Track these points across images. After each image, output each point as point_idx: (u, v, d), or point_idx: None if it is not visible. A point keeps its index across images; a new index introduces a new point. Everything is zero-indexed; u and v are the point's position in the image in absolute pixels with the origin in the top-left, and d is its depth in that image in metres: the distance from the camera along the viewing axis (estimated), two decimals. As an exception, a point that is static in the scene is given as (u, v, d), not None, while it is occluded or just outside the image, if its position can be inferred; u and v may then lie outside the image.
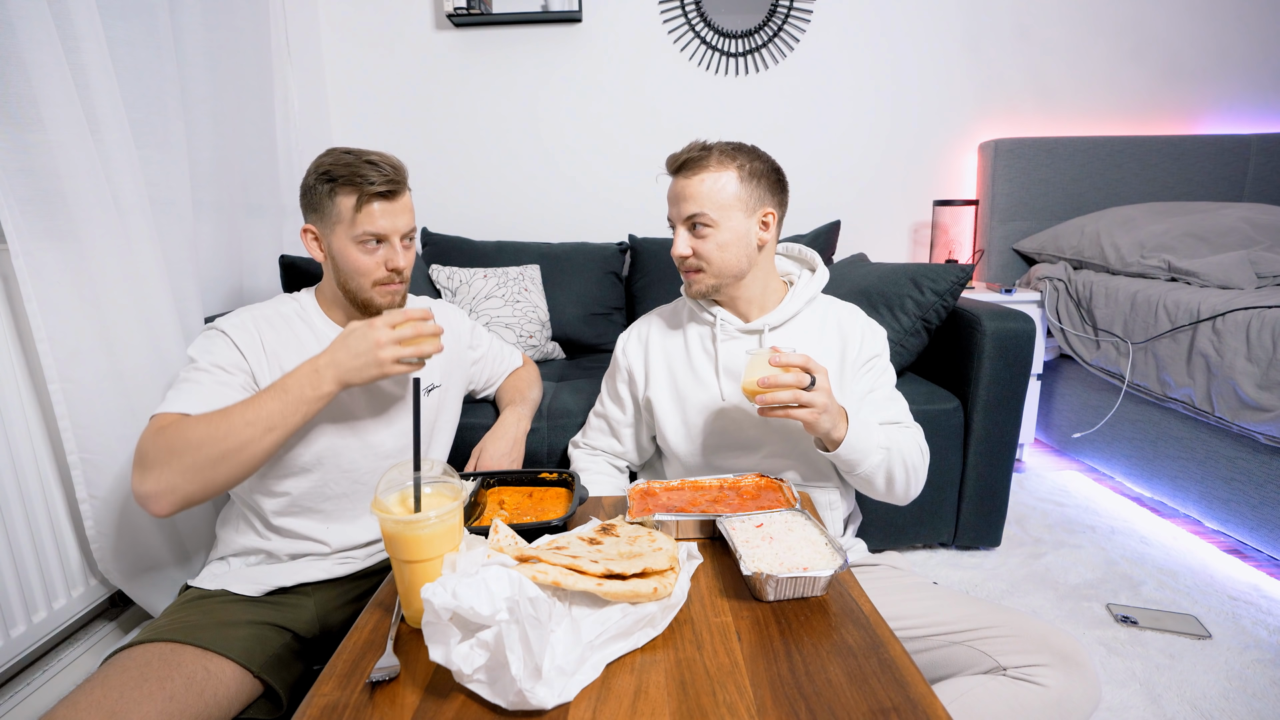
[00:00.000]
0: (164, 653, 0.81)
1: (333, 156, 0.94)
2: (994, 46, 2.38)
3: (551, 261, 2.10)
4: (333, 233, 0.95)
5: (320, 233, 0.96)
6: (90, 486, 1.14)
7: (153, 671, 0.78)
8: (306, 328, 1.02)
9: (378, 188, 0.91)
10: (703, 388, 1.05)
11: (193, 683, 0.79)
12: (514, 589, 0.52)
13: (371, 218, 0.92)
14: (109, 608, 1.38)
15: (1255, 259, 1.78)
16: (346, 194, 0.92)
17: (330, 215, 0.93)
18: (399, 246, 0.96)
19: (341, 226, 0.93)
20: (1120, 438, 2.00)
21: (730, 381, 1.04)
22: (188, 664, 0.81)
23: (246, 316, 0.99)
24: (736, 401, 1.03)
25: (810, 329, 1.05)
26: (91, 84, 1.09)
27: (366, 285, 0.96)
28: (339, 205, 0.92)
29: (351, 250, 0.94)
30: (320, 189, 0.93)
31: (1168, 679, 1.19)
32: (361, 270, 0.95)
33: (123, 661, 0.80)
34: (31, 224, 1.04)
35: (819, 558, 0.68)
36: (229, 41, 1.63)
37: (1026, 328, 1.51)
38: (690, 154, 0.96)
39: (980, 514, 1.61)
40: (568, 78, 2.37)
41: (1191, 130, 2.45)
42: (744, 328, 1.04)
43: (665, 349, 1.10)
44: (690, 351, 1.08)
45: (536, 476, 0.91)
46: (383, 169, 0.92)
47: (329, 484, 1.01)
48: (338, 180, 0.91)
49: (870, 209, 2.48)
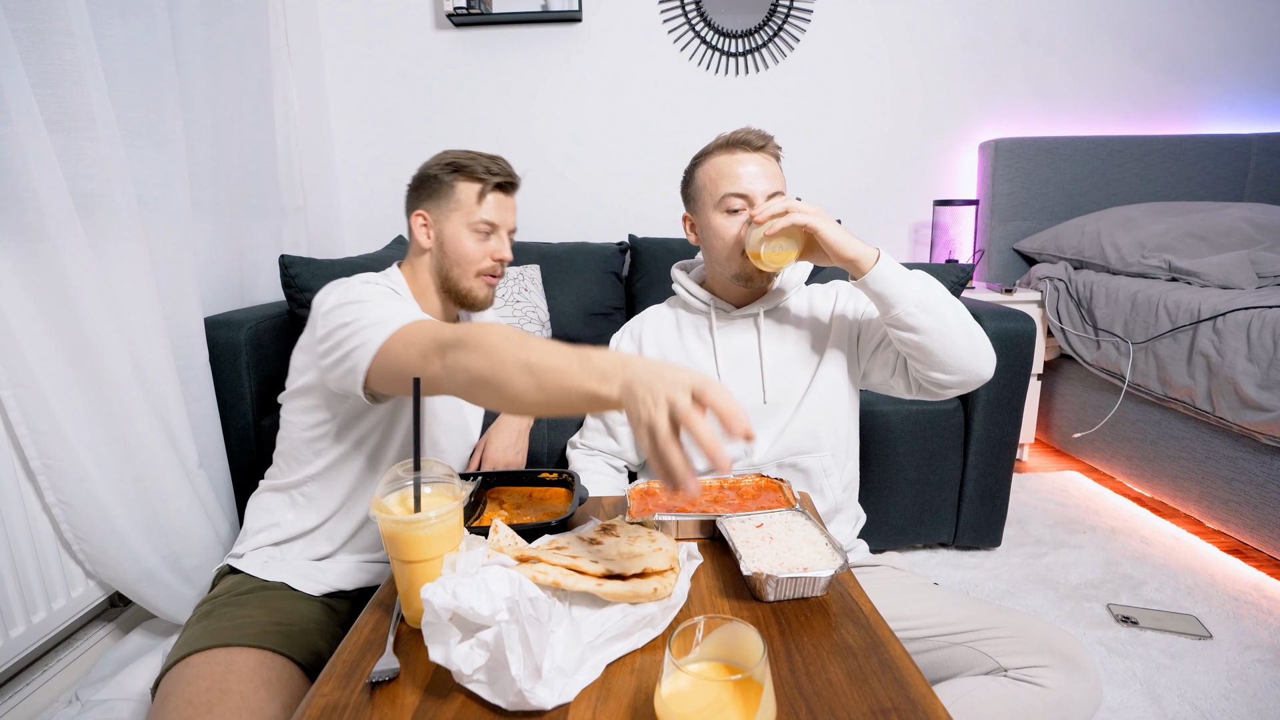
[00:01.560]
0: (235, 661, 0.79)
1: (455, 153, 1.01)
2: (994, 46, 2.38)
3: (551, 261, 2.10)
4: (448, 219, 1.00)
5: (433, 219, 1.01)
6: (58, 492, 1.12)
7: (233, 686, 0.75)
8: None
9: (499, 178, 1.00)
10: None
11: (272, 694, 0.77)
12: (514, 589, 0.52)
13: (490, 207, 1.00)
14: (108, 608, 1.38)
15: (1256, 259, 1.78)
16: (470, 182, 0.99)
17: (449, 202, 1.00)
18: (506, 239, 1.03)
19: (459, 213, 0.99)
20: (1120, 438, 2.00)
21: (728, 364, 1.05)
22: (263, 673, 0.79)
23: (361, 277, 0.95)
24: (734, 385, 1.04)
25: (801, 310, 1.07)
26: (83, 80, 1.07)
27: (470, 273, 1.01)
28: (460, 193, 0.99)
29: (465, 237, 1.00)
30: (444, 177, 0.99)
31: (1168, 679, 1.19)
32: (470, 258, 1.00)
33: (193, 676, 0.77)
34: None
35: (819, 558, 0.68)
36: (228, 41, 1.63)
37: (1026, 328, 1.51)
38: (765, 136, 0.98)
39: (980, 514, 1.61)
40: (567, 77, 2.37)
41: (1192, 130, 2.45)
42: (739, 314, 1.05)
43: (659, 343, 1.10)
44: (685, 342, 1.08)
45: (536, 476, 0.91)
46: (504, 164, 1.01)
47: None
48: (463, 170, 0.99)
49: (870, 209, 2.48)
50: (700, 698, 0.46)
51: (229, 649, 0.81)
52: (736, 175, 0.97)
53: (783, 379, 1.04)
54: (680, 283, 1.11)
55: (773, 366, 1.04)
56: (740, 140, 0.98)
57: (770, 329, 1.06)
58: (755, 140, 0.97)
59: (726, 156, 0.98)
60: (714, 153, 1.00)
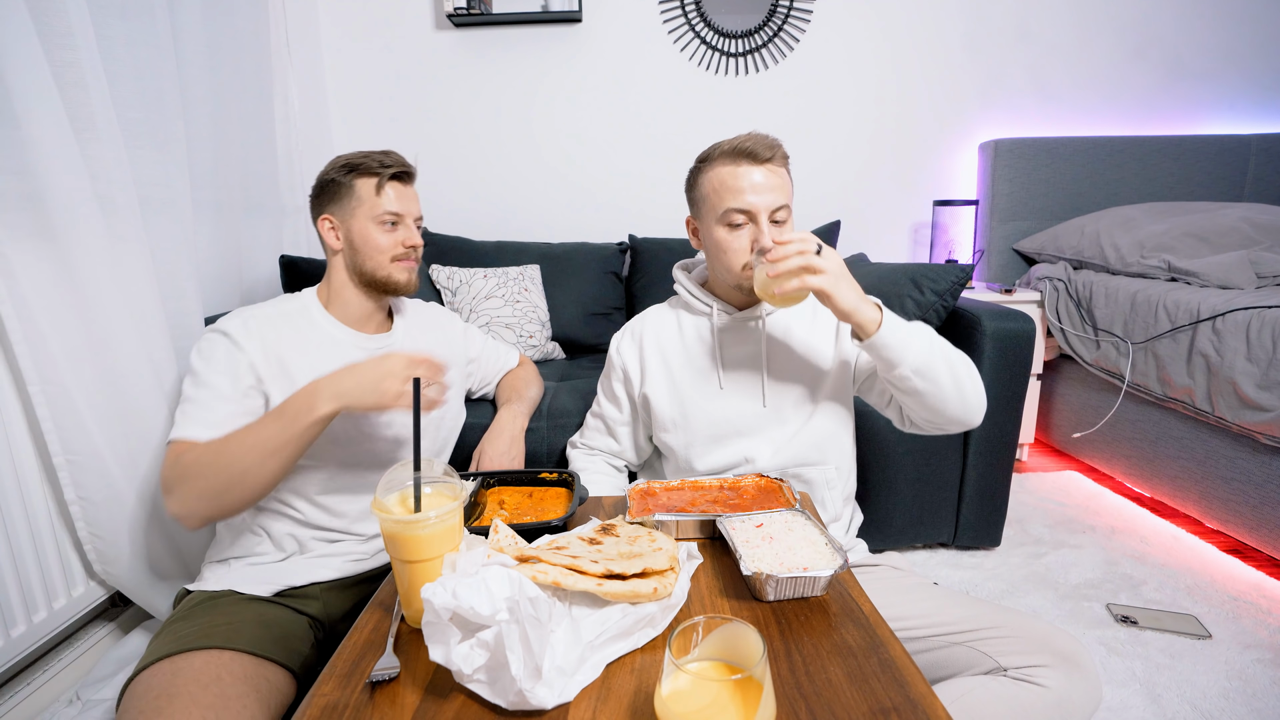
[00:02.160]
0: (180, 666, 0.79)
1: (347, 155, 1.04)
2: (994, 46, 2.38)
3: (551, 261, 2.10)
4: (353, 217, 1.03)
5: (339, 220, 1.04)
6: (79, 488, 1.14)
7: (181, 688, 0.76)
8: (309, 324, 1.03)
9: (394, 169, 1.03)
10: (701, 376, 1.05)
11: (223, 689, 0.77)
12: (514, 589, 0.52)
13: (390, 198, 1.03)
14: (109, 608, 1.38)
15: (1255, 259, 1.78)
16: (367, 178, 1.02)
17: (351, 200, 1.02)
18: (414, 227, 1.06)
19: (363, 209, 1.02)
20: (1120, 438, 2.00)
21: (730, 369, 1.04)
22: (211, 669, 0.79)
23: (246, 315, 0.99)
24: (735, 389, 1.03)
25: (804, 313, 1.06)
26: (85, 81, 1.08)
27: (386, 261, 1.04)
28: (359, 190, 1.02)
29: (372, 230, 1.02)
30: (341, 179, 1.03)
31: (1168, 679, 1.19)
32: (382, 248, 1.03)
33: (142, 690, 0.77)
34: (7, 222, 1.02)
35: (819, 558, 0.68)
36: (229, 41, 1.63)
37: (1026, 328, 1.51)
38: (772, 146, 0.94)
39: (980, 514, 1.61)
40: (567, 77, 2.37)
41: (1192, 130, 2.45)
42: (742, 316, 1.04)
43: (660, 344, 1.09)
44: (686, 343, 1.07)
45: (536, 476, 0.91)
46: (396, 157, 1.04)
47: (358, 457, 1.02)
48: (358, 168, 1.02)
49: (870, 209, 2.48)
50: (700, 697, 0.47)
51: (173, 658, 0.81)
52: (740, 189, 0.93)
53: (784, 385, 1.03)
54: (682, 284, 1.10)
55: (775, 372, 1.03)
56: (745, 151, 0.94)
57: (774, 333, 1.04)
58: (762, 152, 0.93)
59: (731, 167, 0.95)
60: (718, 160, 0.96)
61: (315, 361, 0.99)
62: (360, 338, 1.06)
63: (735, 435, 1.03)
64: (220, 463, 0.86)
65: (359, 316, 1.07)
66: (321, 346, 1.02)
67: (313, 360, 0.99)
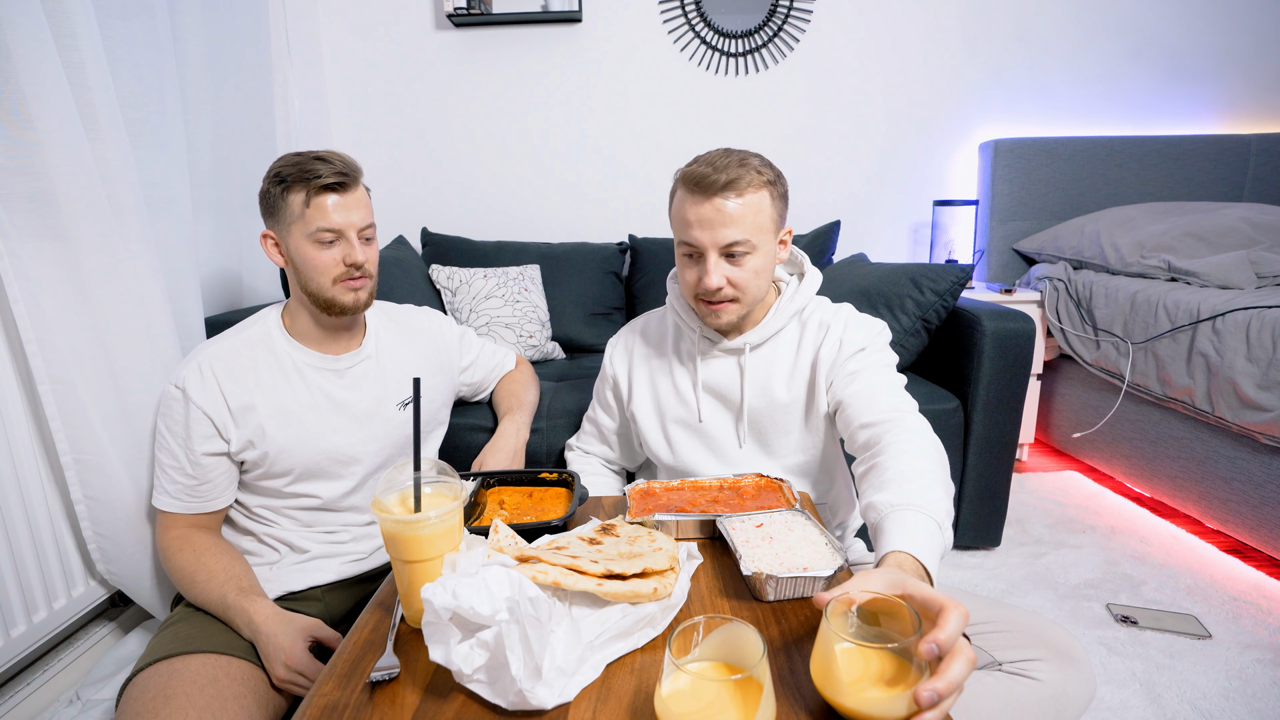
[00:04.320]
0: (178, 668, 0.79)
1: (283, 159, 0.93)
2: (994, 46, 2.38)
3: (551, 261, 2.10)
4: (289, 233, 0.93)
5: (279, 235, 0.95)
6: (85, 487, 1.14)
7: (178, 690, 0.76)
8: (270, 353, 0.99)
9: (325, 180, 0.90)
10: (683, 405, 1.02)
11: (219, 691, 0.78)
12: (514, 589, 0.52)
13: (323, 212, 0.91)
14: (109, 608, 1.38)
15: (1255, 259, 1.78)
16: (296, 191, 0.90)
17: (285, 215, 0.92)
18: (356, 241, 0.94)
19: (298, 225, 0.92)
20: (1120, 438, 2.00)
21: (709, 400, 1.01)
22: (208, 671, 0.79)
23: (205, 358, 0.95)
24: (715, 422, 1.01)
25: (788, 347, 0.99)
26: (89, 82, 1.08)
27: (327, 284, 0.94)
28: (291, 204, 0.91)
29: (308, 248, 0.92)
30: (274, 192, 0.92)
31: (1168, 679, 1.19)
32: (320, 268, 0.93)
33: (139, 691, 0.77)
34: (18, 223, 1.03)
35: (819, 558, 0.68)
36: (228, 41, 1.63)
37: (1026, 328, 1.51)
38: (729, 172, 0.84)
39: (980, 514, 1.61)
40: (567, 78, 2.37)
41: (1191, 130, 2.45)
42: (725, 346, 0.99)
43: (649, 362, 1.07)
44: (673, 366, 1.04)
45: (536, 476, 0.91)
46: (331, 163, 0.91)
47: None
48: (287, 180, 0.91)
49: (870, 209, 2.48)
50: (700, 697, 0.47)
51: (171, 660, 0.81)
52: (687, 222, 0.88)
53: (764, 425, 0.99)
54: (672, 302, 1.04)
55: (754, 409, 0.99)
56: (695, 179, 0.86)
57: (755, 368, 0.99)
58: (715, 180, 0.84)
59: (683, 193, 0.89)
60: (679, 183, 0.90)
61: (280, 394, 0.97)
62: (324, 359, 1.01)
63: (718, 465, 1.02)
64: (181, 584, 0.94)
65: (320, 337, 1.01)
66: (285, 374, 0.98)
67: (278, 392, 0.97)
